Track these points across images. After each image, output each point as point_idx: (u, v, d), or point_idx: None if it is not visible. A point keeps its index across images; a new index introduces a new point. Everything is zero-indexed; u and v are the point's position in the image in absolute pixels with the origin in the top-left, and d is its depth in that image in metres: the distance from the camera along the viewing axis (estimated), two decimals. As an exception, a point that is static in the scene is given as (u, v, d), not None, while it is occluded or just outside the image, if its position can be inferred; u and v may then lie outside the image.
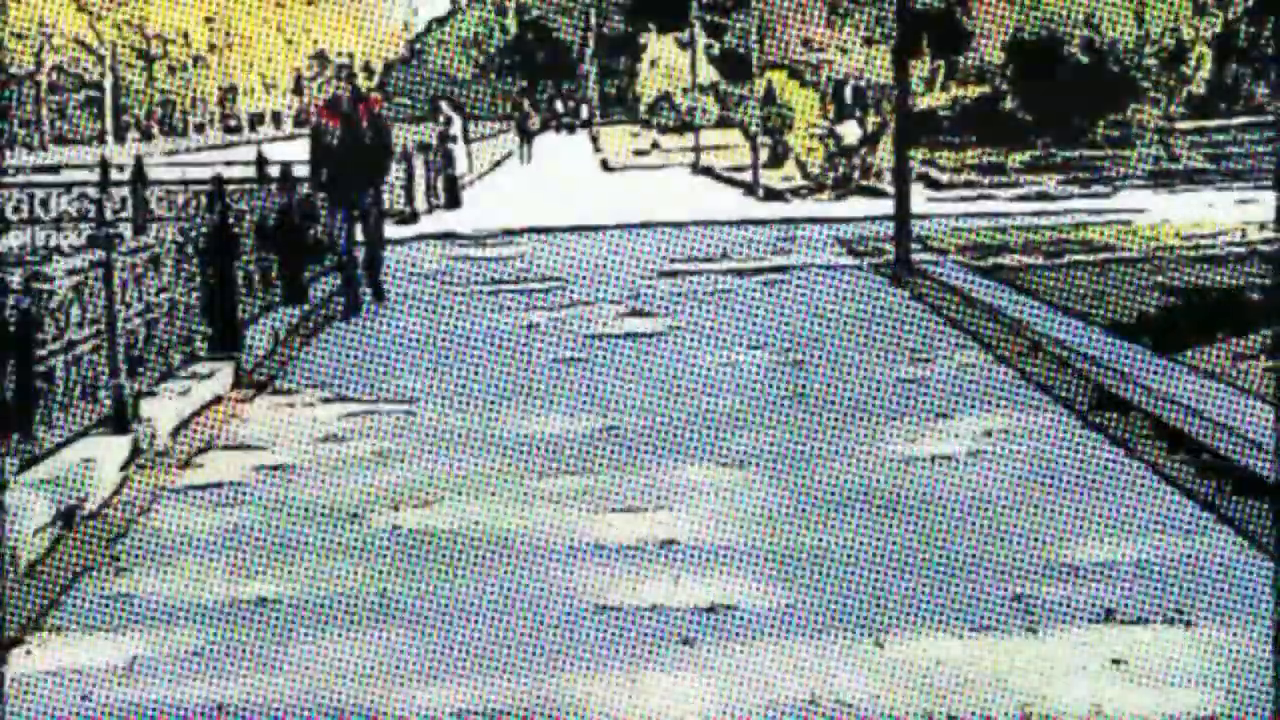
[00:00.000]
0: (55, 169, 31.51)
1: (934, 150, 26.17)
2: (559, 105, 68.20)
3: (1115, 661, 4.04)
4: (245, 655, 4.30)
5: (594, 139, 51.39)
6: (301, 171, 11.90)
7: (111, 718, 3.89)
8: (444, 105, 25.29)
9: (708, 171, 30.56)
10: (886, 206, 15.30)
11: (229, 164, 20.00)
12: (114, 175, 18.25)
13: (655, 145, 42.62)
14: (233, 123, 68.31)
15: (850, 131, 23.59)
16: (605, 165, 37.38)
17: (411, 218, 20.94)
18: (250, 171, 16.88)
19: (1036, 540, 5.12)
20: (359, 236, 11.32)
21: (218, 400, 8.16)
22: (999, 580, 4.70)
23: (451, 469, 6.42)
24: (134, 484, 6.35)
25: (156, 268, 8.05)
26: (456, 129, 24.06)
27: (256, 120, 68.06)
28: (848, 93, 24.87)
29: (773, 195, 23.34)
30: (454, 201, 23.46)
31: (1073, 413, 7.10)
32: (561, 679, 4.05)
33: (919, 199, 16.10)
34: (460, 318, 11.08)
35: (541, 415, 7.51)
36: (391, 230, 18.66)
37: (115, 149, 38.20)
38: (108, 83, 53.15)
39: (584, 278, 13.28)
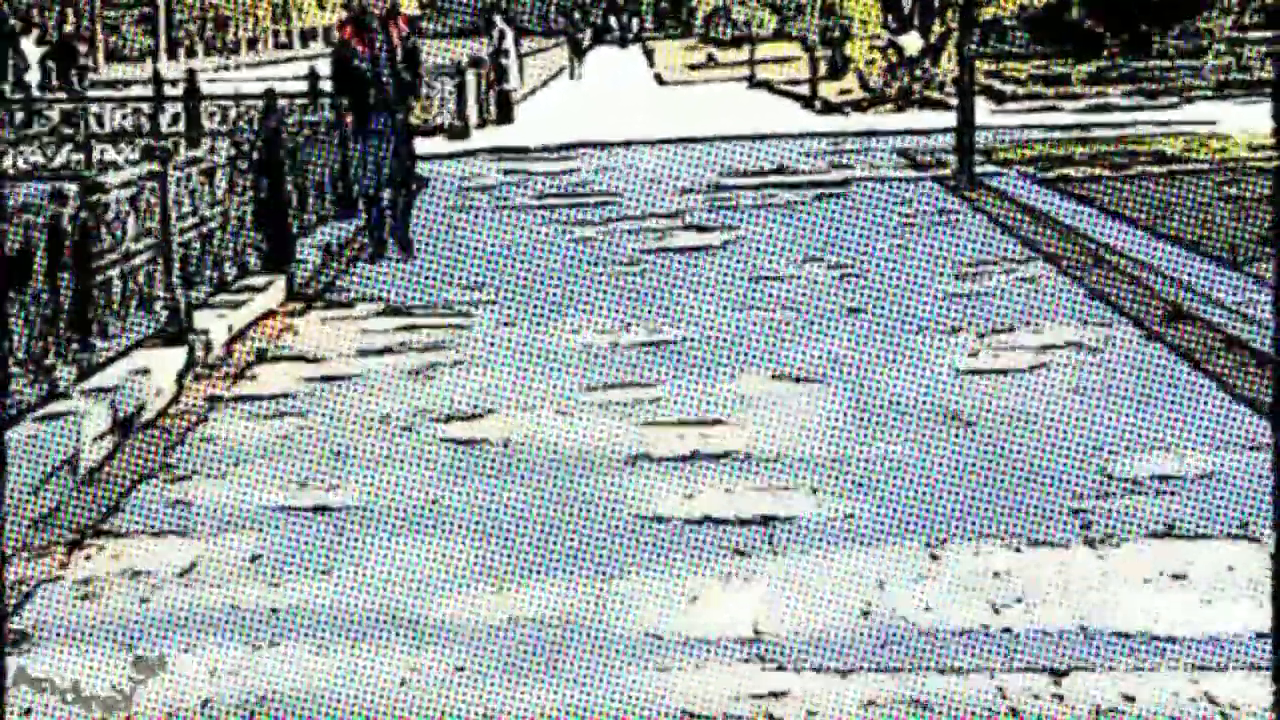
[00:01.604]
0: (110, 84, 31.64)
1: (998, 61, 25.54)
2: (613, 19, 67.31)
3: (1176, 576, 3.96)
4: (300, 561, 4.33)
5: (648, 53, 50.67)
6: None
7: (171, 620, 3.94)
8: (497, 19, 25.02)
9: (764, 85, 30.07)
10: (949, 119, 14.98)
11: (281, 80, 19.94)
12: (167, 90, 18.28)
13: (711, 59, 41.93)
14: (284, 39, 68.13)
15: (912, 42, 23.03)
16: (659, 79, 36.89)
17: (463, 132, 20.83)
18: (303, 86, 16.82)
19: (1098, 454, 5.03)
20: (386, 173, 9.78)
21: (271, 313, 8.18)
22: (1058, 493, 4.63)
23: (504, 381, 6.41)
24: (189, 394, 6.40)
25: (210, 181, 8.04)
26: (509, 43, 23.82)
27: (308, 36, 67.78)
28: (903, 2, 24.23)
29: (831, 108, 22.91)
30: (506, 117, 23.28)
31: (1138, 326, 6.95)
32: (613, 587, 4.04)
33: (982, 111, 15.74)
34: (513, 231, 11.02)
35: (595, 328, 7.47)
36: (443, 145, 18.60)
37: (168, 65, 38.24)
38: (161, -3, 53.17)
39: (639, 192, 13.15)
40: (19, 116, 16.92)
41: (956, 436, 5.32)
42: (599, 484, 4.94)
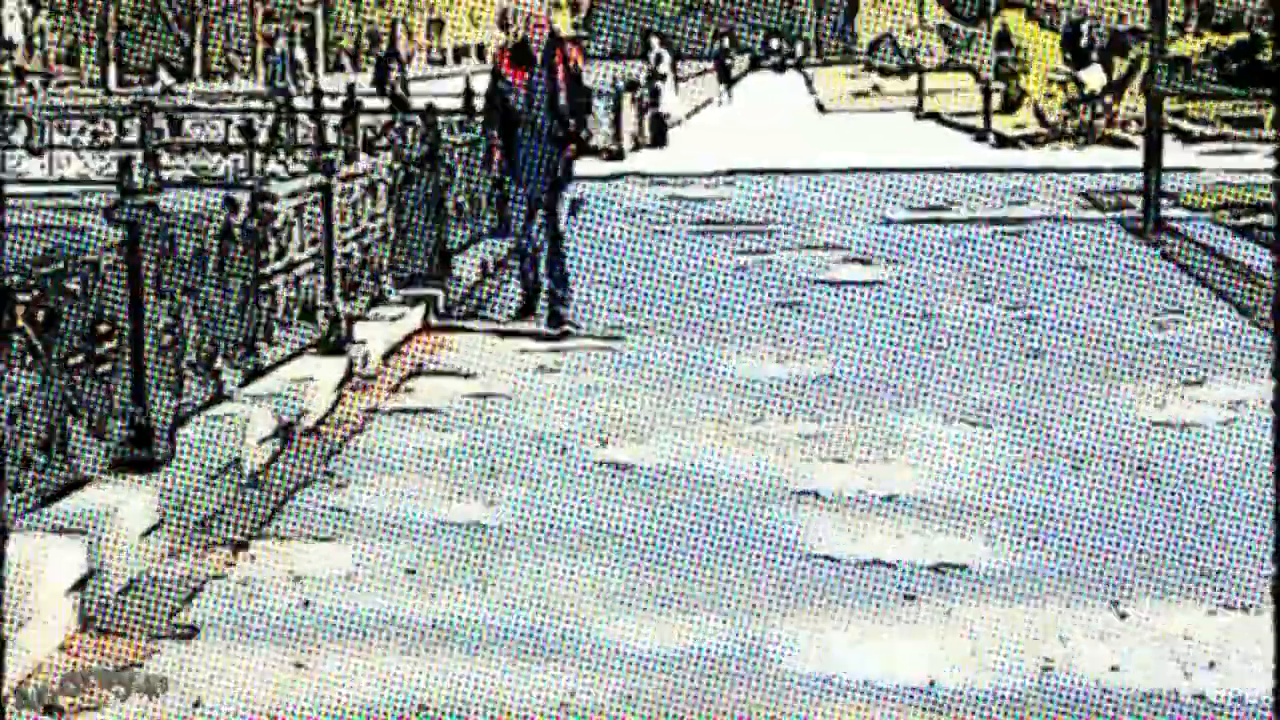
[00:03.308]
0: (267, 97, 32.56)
1: (1183, 100, 24.60)
2: (773, 43, 67.12)
3: (1394, 654, 3.63)
4: (456, 575, 4.28)
5: (807, 80, 50.34)
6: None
7: (333, 624, 3.92)
8: (654, 42, 25.16)
9: (933, 116, 29.50)
10: (1133, 158, 14.47)
11: (436, 96, 20.29)
12: (325, 104, 18.68)
13: (875, 88, 41.37)
14: (436, 55, 69.51)
15: (1094, 77, 22.29)
16: (820, 107, 36.57)
17: (618, 155, 20.92)
18: (457, 103, 17.02)
19: (1298, 516, 4.67)
20: (540, 222, 8.26)
21: (427, 327, 8.22)
22: (1253, 555, 4.32)
23: (661, 406, 6.29)
24: (348, 403, 6.43)
25: (372, 195, 8.12)
26: (666, 67, 23.90)
27: (461, 53, 69.09)
28: (1082, 35, 23.52)
29: (1006, 143, 22.35)
30: (660, 140, 23.34)
31: (1337, 382, 6.52)
32: (773, 624, 3.88)
33: (1168, 152, 15.12)
34: (669, 257, 10.93)
35: (755, 358, 7.31)
36: (597, 167, 18.66)
37: (325, 79, 39.21)
38: (319, 13, 54.68)
39: (798, 222, 12.96)
40: (270, 120, 17.46)
41: (1143, 490, 5.02)
42: (761, 518, 4.78)
